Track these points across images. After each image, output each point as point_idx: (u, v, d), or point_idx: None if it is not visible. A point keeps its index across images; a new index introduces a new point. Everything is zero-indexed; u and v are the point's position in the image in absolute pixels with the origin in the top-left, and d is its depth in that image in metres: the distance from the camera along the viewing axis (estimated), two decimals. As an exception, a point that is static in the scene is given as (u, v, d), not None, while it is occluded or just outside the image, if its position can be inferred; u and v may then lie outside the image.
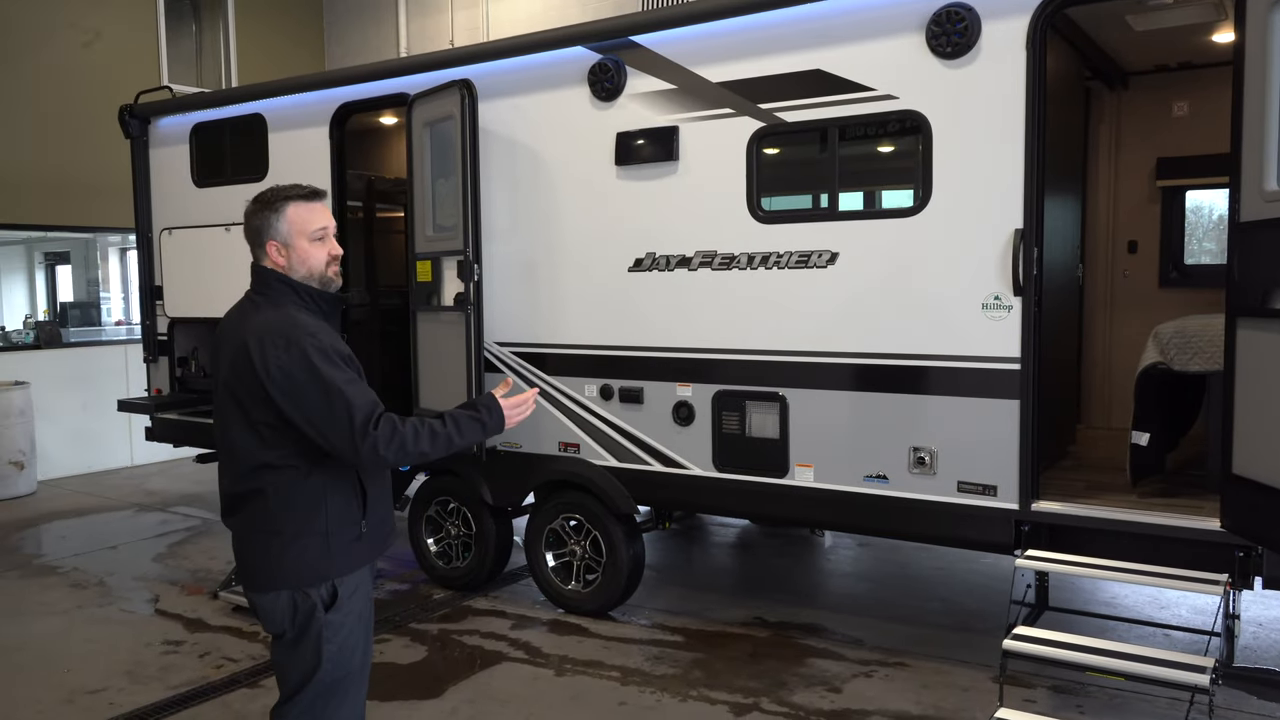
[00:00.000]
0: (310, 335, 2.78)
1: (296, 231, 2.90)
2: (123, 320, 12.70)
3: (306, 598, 2.84)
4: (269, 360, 2.73)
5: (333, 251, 2.96)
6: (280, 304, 2.88)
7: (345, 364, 2.81)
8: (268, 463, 2.80)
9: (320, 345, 2.78)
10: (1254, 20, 3.74)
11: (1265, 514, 3.80)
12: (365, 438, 2.71)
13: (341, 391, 2.72)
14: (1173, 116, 6.14)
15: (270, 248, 2.90)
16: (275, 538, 2.82)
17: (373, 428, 2.72)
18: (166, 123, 7.66)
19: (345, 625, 2.89)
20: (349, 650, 2.91)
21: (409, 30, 12.70)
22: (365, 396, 2.77)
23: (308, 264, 2.92)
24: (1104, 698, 4.62)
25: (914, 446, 4.74)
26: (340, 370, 2.77)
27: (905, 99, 4.65)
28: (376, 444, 2.72)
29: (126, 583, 6.79)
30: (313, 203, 2.94)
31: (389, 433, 2.74)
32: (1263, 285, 3.76)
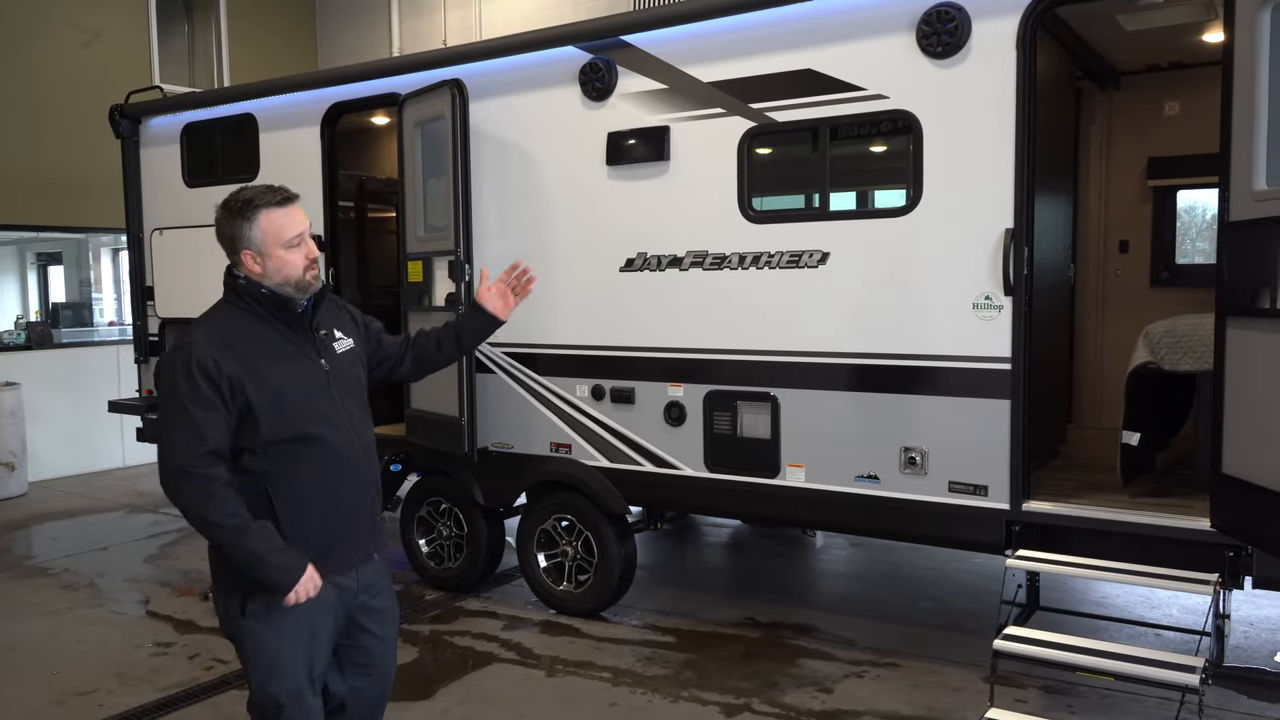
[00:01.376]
0: (192, 346, 2.72)
1: (271, 240, 2.80)
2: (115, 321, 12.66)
3: (228, 600, 2.83)
4: (158, 365, 2.79)
5: (310, 255, 2.86)
6: (219, 308, 2.88)
7: (211, 386, 2.69)
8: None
9: (192, 360, 2.70)
10: (1243, 20, 3.75)
11: (1255, 514, 3.80)
12: (178, 479, 2.68)
13: (171, 419, 2.70)
14: (1164, 116, 6.14)
15: (245, 257, 2.82)
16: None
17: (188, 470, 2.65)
18: (157, 122, 7.65)
19: (268, 640, 2.81)
20: (277, 669, 2.82)
21: (401, 30, 12.68)
22: (193, 437, 2.66)
23: (284, 272, 2.83)
24: (1095, 697, 4.63)
25: (905, 446, 4.74)
26: (192, 394, 2.67)
27: (896, 99, 4.64)
28: (184, 493, 2.68)
29: (117, 584, 6.77)
30: (286, 208, 2.84)
31: (196, 492, 2.67)
32: (1252, 285, 3.76)
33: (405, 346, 3.32)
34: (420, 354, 3.33)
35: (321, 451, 2.84)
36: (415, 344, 3.34)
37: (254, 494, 2.78)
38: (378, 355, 3.23)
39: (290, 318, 2.88)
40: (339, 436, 2.88)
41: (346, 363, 3.02)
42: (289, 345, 2.87)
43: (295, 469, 2.82)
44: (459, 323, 3.37)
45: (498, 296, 3.35)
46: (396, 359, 3.28)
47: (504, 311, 3.35)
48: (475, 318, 3.36)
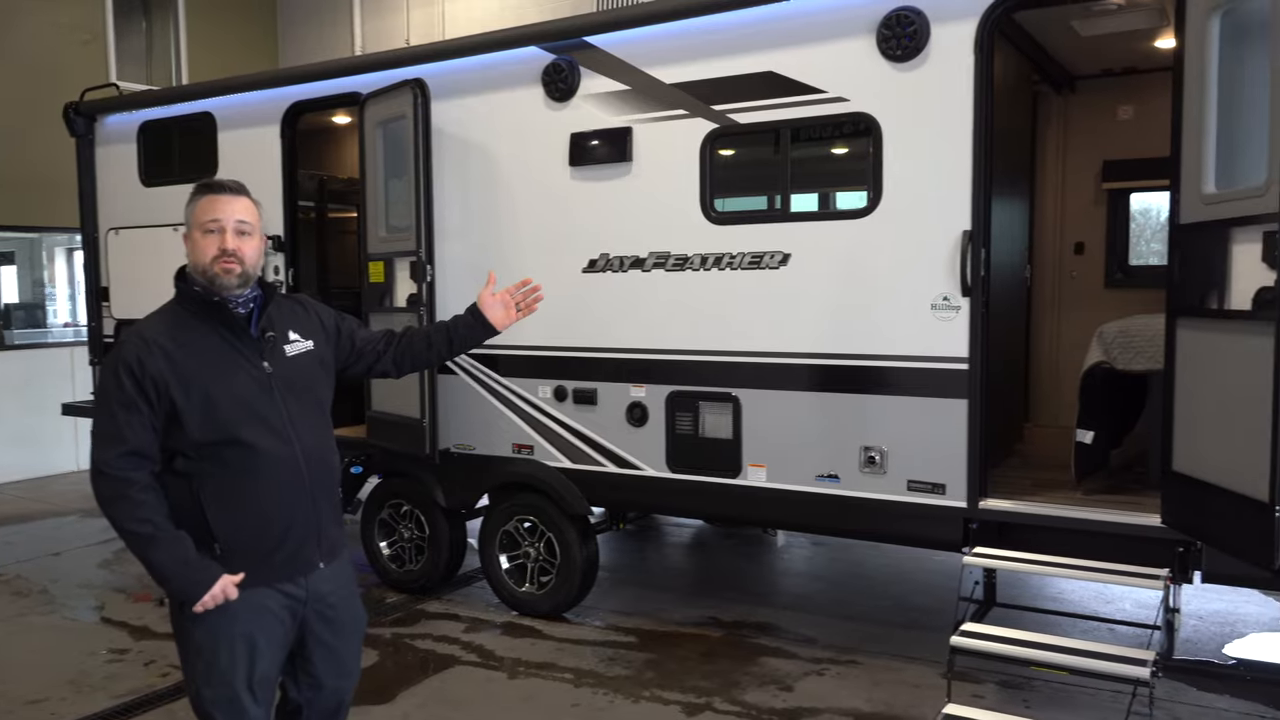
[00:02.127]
0: (123, 345, 2.74)
1: (195, 223, 2.83)
2: (69, 322, 12.43)
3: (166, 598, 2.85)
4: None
5: (222, 245, 2.77)
6: (165, 307, 2.88)
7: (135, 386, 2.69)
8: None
9: (119, 359, 2.72)
10: (1193, 27, 3.83)
11: (1203, 509, 3.88)
12: (96, 478, 2.71)
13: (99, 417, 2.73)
14: (1118, 120, 6.26)
15: (185, 240, 2.88)
16: None
17: (102, 470, 2.68)
18: (113, 121, 7.53)
19: (204, 642, 2.79)
20: (213, 672, 2.80)
21: (363, 30, 12.58)
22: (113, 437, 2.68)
23: (194, 256, 2.82)
24: (1049, 692, 4.70)
25: (865, 446, 4.78)
26: (117, 394, 2.69)
27: (856, 101, 4.69)
28: (99, 493, 2.71)
29: (70, 590, 6.65)
30: (218, 195, 2.82)
31: (107, 493, 2.70)
32: (1201, 286, 3.85)
33: (386, 343, 3.27)
34: (407, 350, 3.28)
35: (253, 456, 2.78)
36: (403, 339, 3.29)
37: (184, 497, 2.75)
38: (351, 354, 3.18)
39: (227, 318, 2.84)
40: (275, 442, 2.81)
41: (298, 365, 2.95)
42: (227, 347, 2.82)
43: (226, 474, 2.77)
44: (454, 324, 3.33)
45: (500, 306, 3.32)
46: (375, 355, 3.23)
47: (503, 323, 3.32)
48: (473, 323, 3.31)
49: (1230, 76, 3.71)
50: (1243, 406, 3.57)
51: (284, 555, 2.86)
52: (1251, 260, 3.56)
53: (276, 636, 2.88)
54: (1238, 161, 3.68)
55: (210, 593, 2.72)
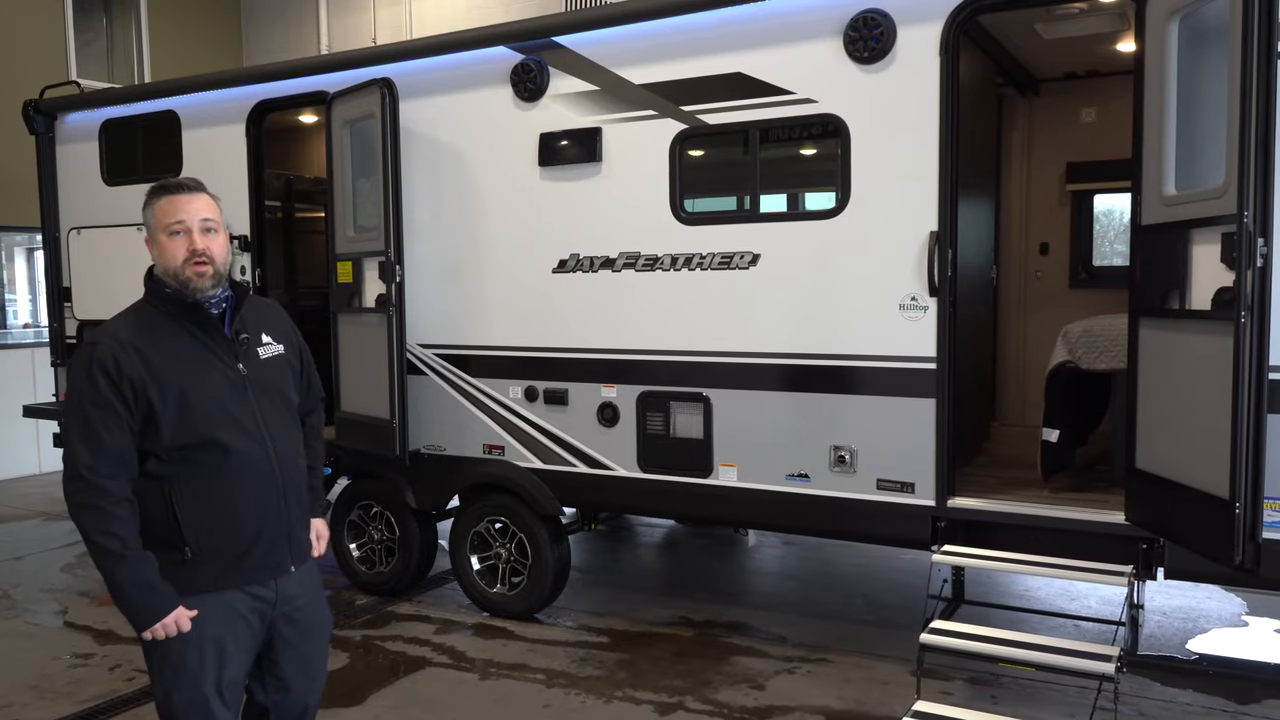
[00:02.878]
0: (95, 346, 2.68)
1: (158, 226, 2.78)
2: (30, 323, 12.24)
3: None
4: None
5: (191, 247, 2.74)
6: (135, 306, 2.83)
7: (112, 387, 2.64)
8: None
9: (93, 360, 2.66)
10: (1153, 31, 3.89)
11: (1165, 506, 3.95)
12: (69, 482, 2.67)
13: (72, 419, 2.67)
14: (1081, 122, 6.34)
15: (148, 244, 2.84)
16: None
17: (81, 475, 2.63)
18: (74, 119, 7.42)
19: (172, 646, 2.75)
20: (181, 677, 2.77)
21: (330, 28, 12.48)
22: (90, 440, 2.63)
23: (164, 259, 2.78)
24: (1017, 688, 4.75)
25: (834, 445, 4.81)
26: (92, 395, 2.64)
27: (824, 103, 4.72)
28: (71, 498, 2.67)
29: (33, 594, 6.55)
30: (177, 195, 2.78)
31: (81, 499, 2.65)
32: (1162, 286, 3.91)
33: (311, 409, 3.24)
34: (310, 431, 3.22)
35: (227, 458, 2.76)
36: (312, 423, 3.25)
37: (156, 500, 2.72)
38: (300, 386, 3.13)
39: (201, 319, 2.81)
40: (249, 444, 2.80)
41: (270, 368, 2.93)
42: (200, 347, 2.80)
43: (199, 476, 2.75)
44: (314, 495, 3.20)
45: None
46: (306, 408, 3.19)
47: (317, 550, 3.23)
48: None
49: (1189, 80, 3.77)
50: (1203, 405, 3.64)
51: (255, 557, 2.85)
52: (1211, 261, 3.63)
53: (245, 640, 2.86)
54: (1197, 163, 3.75)
55: (162, 622, 2.69)
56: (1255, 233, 3.39)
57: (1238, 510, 3.47)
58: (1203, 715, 4.48)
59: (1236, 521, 3.47)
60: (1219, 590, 6.03)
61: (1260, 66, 3.34)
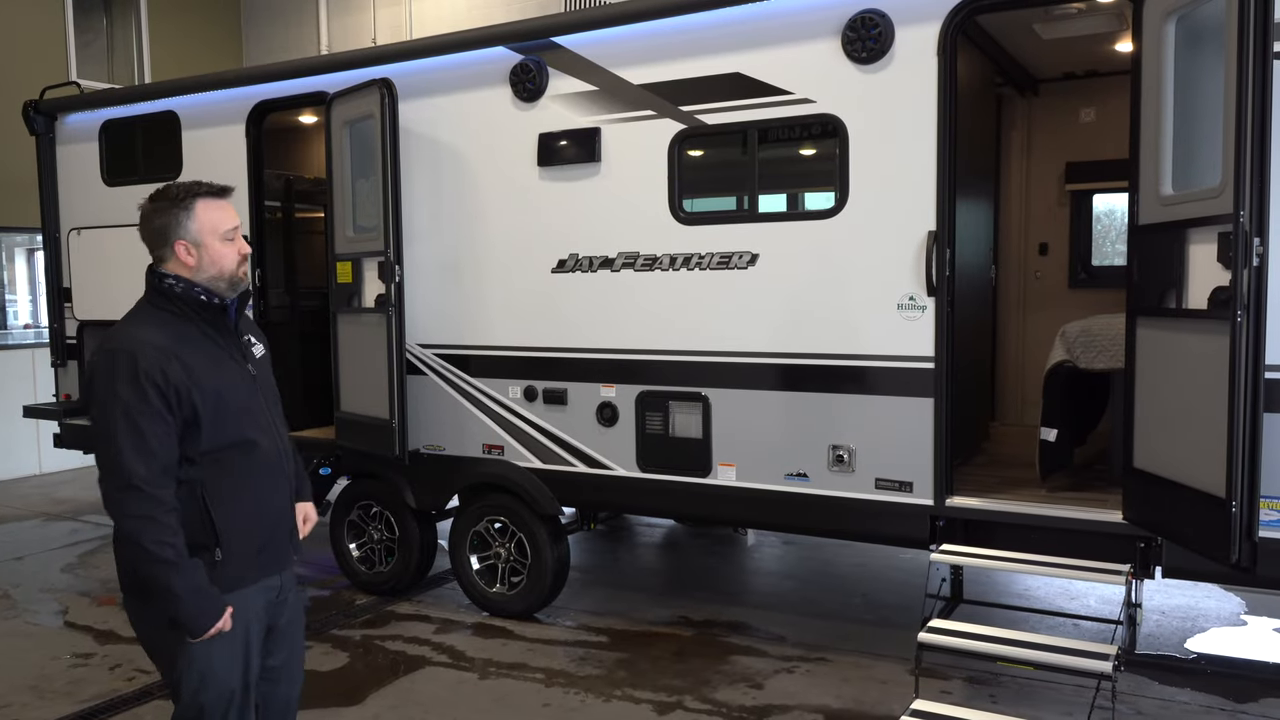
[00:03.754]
0: (136, 353, 2.63)
1: (208, 230, 2.76)
2: (30, 323, 12.25)
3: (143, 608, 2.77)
4: (90, 367, 2.67)
5: (242, 250, 2.83)
6: (146, 305, 2.79)
7: (160, 396, 2.62)
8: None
9: (139, 368, 2.61)
10: (1149, 32, 3.90)
11: (1163, 505, 3.96)
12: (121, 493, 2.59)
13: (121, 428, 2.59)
14: (1080, 122, 6.35)
15: (179, 247, 2.75)
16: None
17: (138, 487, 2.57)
18: (74, 119, 7.43)
19: (200, 649, 2.74)
20: (211, 678, 2.77)
21: (330, 28, 12.49)
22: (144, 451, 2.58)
23: (219, 264, 2.78)
24: (1016, 687, 4.76)
25: (833, 445, 4.82)
26: (138, 399, 2.59)
27: (822, 103, 4.73)
28: (124, 509, 2.60)
29: (33, 594, 6.56)
30: (222, 200, 2.82)
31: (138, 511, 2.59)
32: (1160, 286, 3.92)
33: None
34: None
35: (254, 457, 2.82)
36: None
37: (190, 503, 2.72)
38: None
39: (218, 320, 2.83)
40: (268, 441, 2.88)
41: (264, 366, 3.00)
42: (219, 350, 2.82)
43: (231, 476, 2.78)
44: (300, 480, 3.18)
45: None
46: None
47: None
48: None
49: (1186, 80, 3.78)
50: (1200, 404, 3.65)
51: (270, 551, 2.92)
52: (1207, 260, 3.64)
53: (261, 633, 2.92)
54: (1194, 163, 3.76)
55: (217, 624, 2.71)
56: (1251, 232, 3.40)
57: (1234, 509, 3.48)
58: (1201, 714, 4.49)
59: (1233, 520, 3.48)
60: (1218, 589, 6.04)
61: (1256, 67, 3.36)
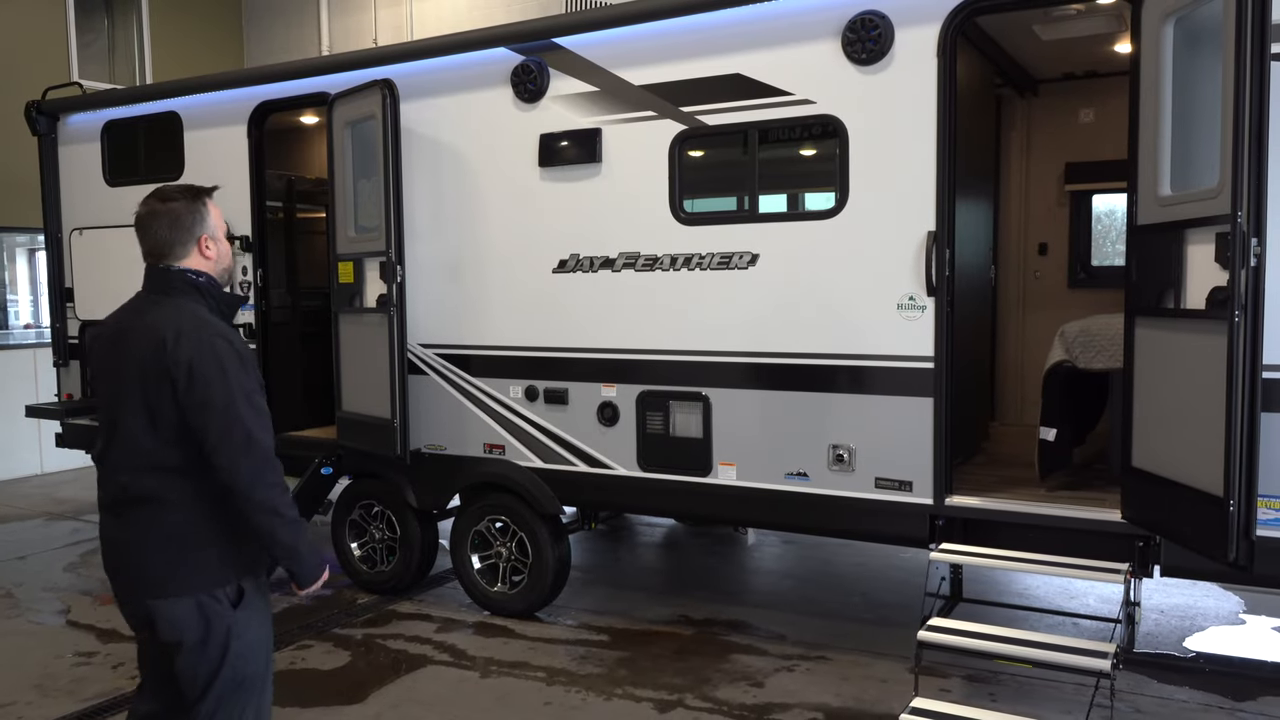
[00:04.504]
0: (231, 338, 2.81)
1: (220, 227, 2.94)
2: (31, 324, 12.27)
3: (214, 599, 2.79)
4: (182, 359, 2.68)
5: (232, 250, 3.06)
6: (180, 300, 2.85)
7: (256, 375, 2.81)
8: (170, 464, 2.75)
9: (241, 352, 2.79)
10: (1148, 33, 3.92)
11: (1161, 504, 3.98)
12: (265, 464, 2.73)
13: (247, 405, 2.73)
14: (1079, 123, 6.37)
15: (204, 243, 2.88)
16: (176, 541, 2.76)
17: (273, 462, 2.76)
18: (76, 120, 7.45)
19: (253, 622, 2.88)
20: (257, 646, 2.90)
21: (331, 29, 12.51)
22: (269, 427, 2.78)
23: (227, 259, 2.97)
24: (1015, 685, 4.78)
25: (833, 444, 4.84)
26: (250, 381, 2.77)
27: (822, 104, 4.75)
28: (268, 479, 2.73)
29: (36, 594, 6.58)
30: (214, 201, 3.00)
31: (277, 479, 2.76)
32: (1158, 286, 3.94)
33: None
34: None
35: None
36: None
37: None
38: None
39: (234, 313, 3.03)
40: None
41: None
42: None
43: None
44: None
45: None
46: None
47: None
48: None
49: (1184, 81, 3.80)
50: (1198, 404, 3.67)
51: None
52: (1205, 260, 3.66)
53: None
54: (1192, 164, 3.78)
55: (323, 578, 2.92)
56: (1249, 232, 3.42)
57: (1232, 508, 3.50)
58: (1199, 712, 4.51)
59: (1230, 519, 3.50)
60: (1216, 588, 6.05)
61: (1253, 68, 3.37)
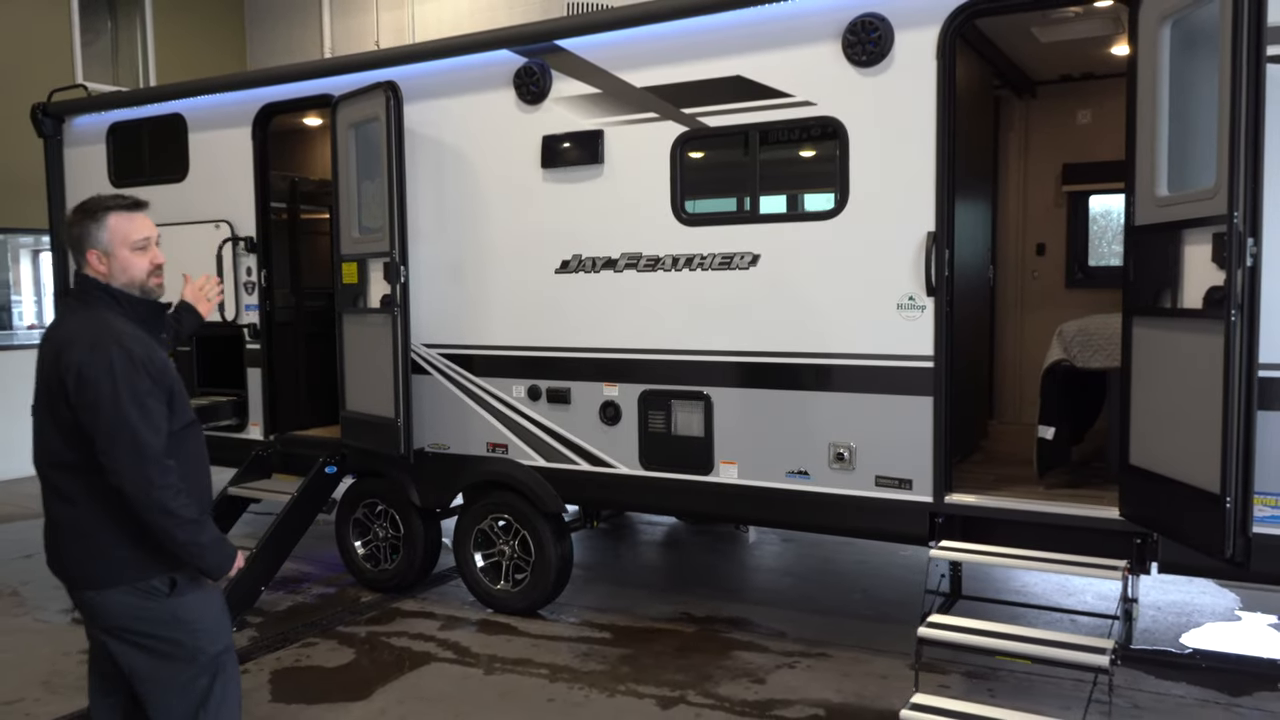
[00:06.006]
0: (127, 344, 2.86)
1: (118, 241, 2.98)
2: (35, 324, 12.31)
3: (149, 587, 2.92)
4: (72, 363, 2.81)
5: (155, 260, 3.05)
6: (94, 308, 2.96)
7: (153, 379, 2.86)
8: (75, 464, 2.88)
9: (131, 356, 2.85)
10: (1145, 35, 3.96)
11: (1158, 502, 4.02)
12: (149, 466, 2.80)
13: (132, 412, 2.79)
14: (1077, 124, 6.42)
15: (90, 256, 2.99)
16: (95, 538, 2.90)
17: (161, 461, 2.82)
18: (82, 122, 7.49)
19: (202, 604, 2.99)
20: (217, 627, 3.04)
21: (333, 31, 12.56)
22: (158, 431, 2.84)
23: (129, 273, 3.00)
24: (1014, 681, 4.82)
25: (833, 443, 4.88)
26: (143, 384, 2.83)
27: (823, 105, 4.79)
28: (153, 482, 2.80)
29: (43, 591, 6.61)
30: (134, 213, 3.03)
31: (165, 482, 2.82)
32: (1155, 285, 3.98)
33: None
34: None
35: (199, 434, 3.14)
36: None
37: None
38: None
39: (159, 323, 3.13)
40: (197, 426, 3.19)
41: None
42: (155, 340, 3.08)
43: (188, 453, 3.03)
44: (176, 316, 3.59)
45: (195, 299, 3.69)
46: None
47: (206, 312, 3.71)
48: (189, 314, 3.66)
49: (1181, 82, 3.85)
50: (1195, 402, 3.71)
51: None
52: (1202, 260, 3.70)
53: None
54: (1188, 165, 3.82)
55: (235, 565, 3.01)
56: (1245, 233, 3.46)
57: (1228, 505, 3.54)
58: (1196, 707, 4.55)
59: (1227, 516, 3.54)
60: (1213, 585, 6.10)
61: (1250, 70, 3.41)
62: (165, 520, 2.82)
